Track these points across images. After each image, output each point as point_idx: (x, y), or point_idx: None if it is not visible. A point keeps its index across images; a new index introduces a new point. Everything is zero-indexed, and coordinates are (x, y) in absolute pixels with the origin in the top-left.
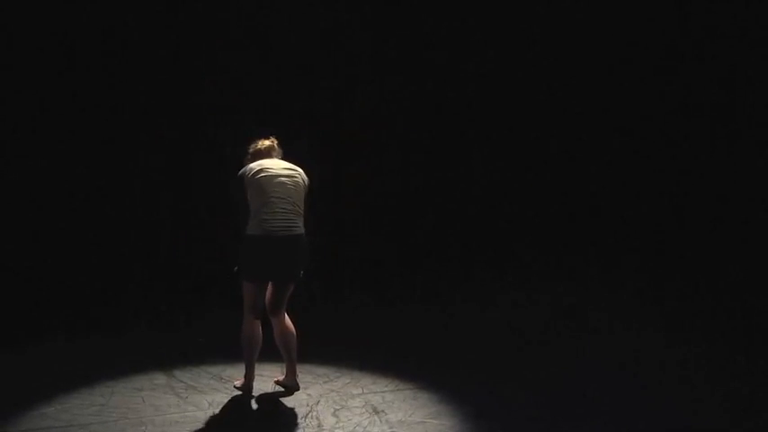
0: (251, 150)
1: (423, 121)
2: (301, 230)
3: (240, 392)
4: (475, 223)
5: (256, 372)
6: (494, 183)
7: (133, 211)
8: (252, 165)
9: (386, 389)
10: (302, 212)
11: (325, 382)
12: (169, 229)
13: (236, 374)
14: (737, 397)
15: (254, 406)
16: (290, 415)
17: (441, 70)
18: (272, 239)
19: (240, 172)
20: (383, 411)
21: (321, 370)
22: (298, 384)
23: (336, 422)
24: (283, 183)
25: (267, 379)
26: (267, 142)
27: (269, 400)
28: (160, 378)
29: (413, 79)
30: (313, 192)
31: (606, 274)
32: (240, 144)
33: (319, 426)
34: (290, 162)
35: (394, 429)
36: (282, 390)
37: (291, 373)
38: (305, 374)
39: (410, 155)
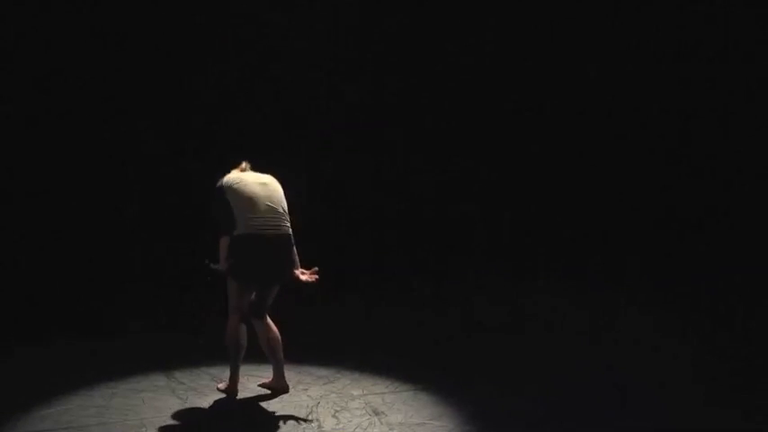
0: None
1: (420, 122)
2: (289, 230)
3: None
4: (475, 225)
5: (257, 372)
6: (493, 184)
7: (133, 209)
8: (229, 177)
9: (386, 390)
10: (287, 215)
11: (325, 384)
12: (169, 229)
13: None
14: (734, 397)
15: (254, 407)
16: (290, 416)
17: (441, 70)
18: (262, 238)
19: (218, 184)
20: (383, 413)
21: (321, 371)
22: (287, 386)
23: (336, 423)
24: (264, 185)
25: (267, 380)
26: (242, 166)
27: (269, 401)
28: (160, 380)
29: (413, 79)
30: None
31: (603, 275)
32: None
33: (319, 427)
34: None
35: (394, 431)
36: (269, 392)
37: (280, 376)
38: (305, 376)
39: (410, 156)
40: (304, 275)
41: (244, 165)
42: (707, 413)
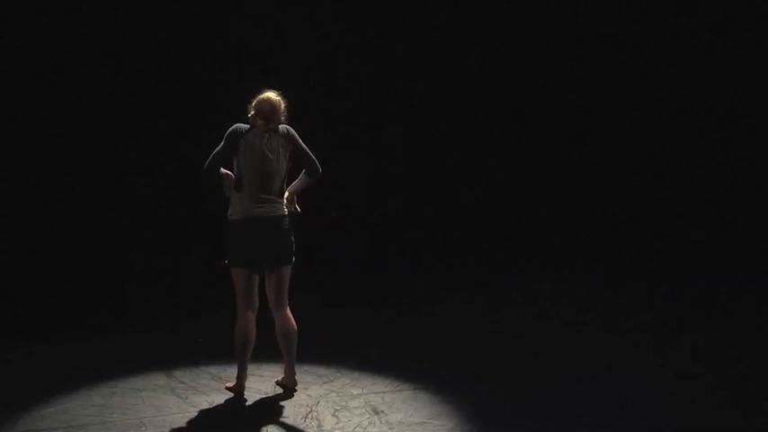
0: (254, 106)
1: (418, 120)
2: (284, 212)
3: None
4: (473, 224)
5: (257, 371)
6: (487, 184)
7: (132, 210)
8: (248, 134)
9: (385, 389)
10: (283, 193)
11: (324, 383)
12: (168, 228)
13: (236, 375)
14: (734, 397)
15: (254, 406)
16: (290, 415)
17: (440, 70)
18: (256, 221)
19: (235, 129)
20: (383, 412)
21: (321, 370)
22: (296, 382)
23: (336, 423)
24: (271, 173)
25: (267, 379)
26: (272, 100)
27: (269, 400)
28: (160, 378)
29: (409, 77)
30: (303, 147)
31: (601, 275)
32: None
33: (319, 426)
34: (280, 130)
35: (394, 430)
36: (281, 390)
37: (290, 372)
38: (305, 375)
39: (408, 156)
40: (291, 205)
41: (274, 99)
42: (707, 413)
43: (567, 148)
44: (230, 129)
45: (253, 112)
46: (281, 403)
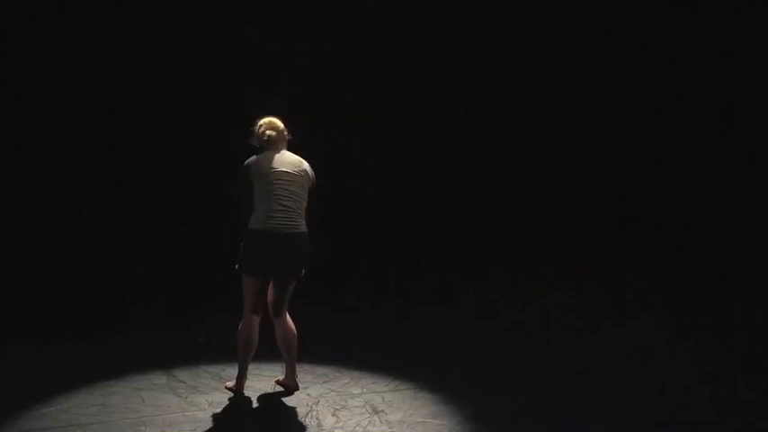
0: (258, 131)
1: (418, 120)
2: (303, 229)
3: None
4: (473, 223)
5: (257, 371)
6: (488, 184)
7: (132, 209)
8: (257, 158)
9: (386, 389)
10: (304, 212)
11: (324, 382)
12: (169, 227)
13: (235, 374)
14: (734, 396)
15: (254, 406)
16: (290, 414)
17: (441, 71)
18: (274, 235)
19: (245, 163)
20: (383, 411)
21: (321, 370)
22: (297, 384)
23: (336, 422)
24: (288, 182)
25: (267, 379)
26: (277, 124)
27: (269, 399)
28: (160, 378)
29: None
30: (315, 189)
31: (601, 275)
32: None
33: (319, 425)
34: (295, 155)
35: (394, 429)
36: (282, 389)
37: (291, 374)
38: (305, 374)
39: (407, 156)
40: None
41: (278, 125)
42: (707, 413)
43: (567, 148)
44: (243, 164)
45: (257, 137)
46: (281, 402)
